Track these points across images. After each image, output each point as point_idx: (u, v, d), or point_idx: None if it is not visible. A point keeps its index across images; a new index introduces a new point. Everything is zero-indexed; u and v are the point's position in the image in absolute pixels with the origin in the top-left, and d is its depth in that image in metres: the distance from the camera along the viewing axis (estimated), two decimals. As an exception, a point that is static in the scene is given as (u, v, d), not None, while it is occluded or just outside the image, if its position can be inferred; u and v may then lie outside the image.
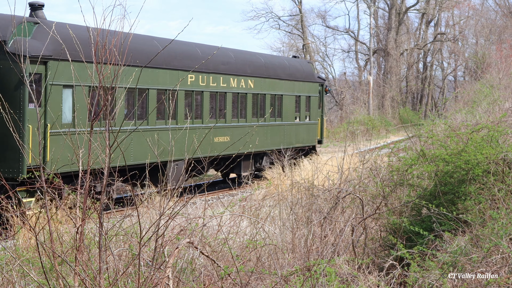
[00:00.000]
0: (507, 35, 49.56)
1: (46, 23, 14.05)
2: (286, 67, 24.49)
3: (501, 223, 6.93)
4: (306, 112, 25.46)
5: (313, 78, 26.27)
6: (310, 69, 26.68)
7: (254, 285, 6.77)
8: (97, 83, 5.63)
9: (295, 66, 25.46)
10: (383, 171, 10.16)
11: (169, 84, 17.56)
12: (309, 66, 26.86)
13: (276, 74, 23.51)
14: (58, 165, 12.28)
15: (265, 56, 24.39)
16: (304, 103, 25.30)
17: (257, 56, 23.46)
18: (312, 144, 25.69)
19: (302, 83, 25.17)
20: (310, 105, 25.67)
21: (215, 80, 19.76)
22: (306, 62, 26.99)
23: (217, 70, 19.91)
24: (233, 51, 21.81)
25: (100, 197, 6.03)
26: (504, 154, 8.44)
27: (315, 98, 26.07)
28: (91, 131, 5.98)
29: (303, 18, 55.86)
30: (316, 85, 26.30)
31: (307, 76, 25.81)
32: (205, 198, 9.55)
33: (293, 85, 24.54)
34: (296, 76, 24.83)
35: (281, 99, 23.65)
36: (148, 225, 6.58)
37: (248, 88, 21.61)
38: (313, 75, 26.56)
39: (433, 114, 37.71)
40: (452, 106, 38.58)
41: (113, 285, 5.74)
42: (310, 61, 27.93)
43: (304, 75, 25.55)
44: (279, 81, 23.56)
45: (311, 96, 25.75)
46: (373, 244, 8.59)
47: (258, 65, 22.54)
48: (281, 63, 24.74)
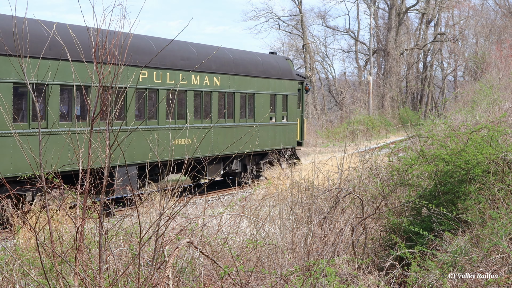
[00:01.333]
0: (507, 35, 49.55)
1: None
2: (259, 64, 22.80)
3: (501, 223, 6.94)
4: (283, 112, 24.10)
5: (291, 76, 24.66)
6: (287, 66, 24.85)
7: (254, 285, 6.77)
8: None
9: (270, 63, 23.73)
10: (383, 171, 10.16)
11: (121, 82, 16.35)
12: (286, 63, 24.99)
13: (247, 71, 21.93)
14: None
15: (234, 52, 22.34)
16: (281, 103, 23.89)
17: (225, 51, 21.56)
18: (290, 147, 24.31)
19: (279, 80, 23.69)
20: (288, 104, 24.24)
21: (172, 76, 18.13)
22: (284, 58, 25.18)
23: (175, 66, 18.28)
24: (195, 46, 20.23)
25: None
26: (504, 154, 8.44)
27: (294, 97, 24.63)
28: (91, 131, 5.99)
29: (303, 18, 55.87)
30: (294, 83, 24.79)
31: (284, 73, 24.20)
32: (205, 198, 9.54)
33: (268, 83, 23.02)
34: (271, 73, 23.24)
35: (253, 98, 22.19)
36: (148, 225, 6.58)
37: (214, 86, 20.05)
38: (291, 72, 24.82)
39: (433, 114, 37.81)
40: (452, 106, 38.61)
41: (113, 285, 5.74)
42: (288, 58, 25.67)
43: (280, 72, 23.93)
44: (250, 79, 22.00)
45: (289, 95, 24.30)
46: (373, 244, 8.59)
47: (225, 61, 20.87)
48: (253, 59, 22.84)
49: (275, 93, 23.41)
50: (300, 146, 25.56)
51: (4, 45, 10.94)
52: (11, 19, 9.25)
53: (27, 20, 6.97)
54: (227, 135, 20.45)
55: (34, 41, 11.35)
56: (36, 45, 11.06)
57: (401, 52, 60.55)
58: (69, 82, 14.84)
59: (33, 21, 13.48)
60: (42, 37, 13.47)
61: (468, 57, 58.57)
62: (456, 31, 64.19)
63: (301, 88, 25.34)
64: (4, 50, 13.12)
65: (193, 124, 19.12)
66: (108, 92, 5.42)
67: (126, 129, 14.65)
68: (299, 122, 25.18)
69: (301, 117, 25.35)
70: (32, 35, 9.38)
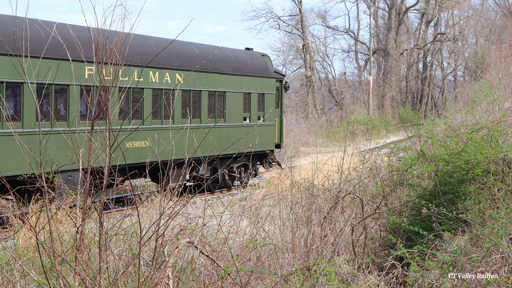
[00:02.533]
0: (507, 35, 49.57)
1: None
2: (229, 60, 21.03)
3: (501, 222, 6.94)
4: (259, 112, 22.37)
5: (268, 73, 22.90)
6: (263, 62, 23.01)
7: (254, 284, 6.77)
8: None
9: (243, 59, 21.86)
10: (383, 171, 10.17)
11: (61, 78, 14.80)
12: (262, 59, 23.17)
13: (216, 68, 20.15)
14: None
15: (200, 47, 20.50)
16: (256, 102, 22.14)
17: (189, 46, 19.79)
18: (268, 149, 22.64)
19: (253, 78, 21.93)
20: (264, 103, 22.57)
21: (126, 73, 16.22)
22: (260, 54, 23.37)
23: (130, 62, 15.54)
24: (155, 40, 18.66)
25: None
26: (504, 154, 8.44)
27: (271, 96, 23.01)
28: (92, 130, 5.99)
29: (303, 18, 55.87)
30: (272, 81, 23.07)
31: (260, 70, 22.43)
32: (205, 198, 9.54)
33: (241, 81, 21.30)
34: (244, 70, 21.46)
35: (223, 96, 20.48)
36: (148, 225, 6.59)
37: (176, 83, 18.47)
38: (268, 69, 23.01)
39: (433, 114, 37.81)
40: (452, 106, 38.63)
41: (113, 285, 5.74)
42: (265, 54, 23.87)
43: (255, 69, 22.15)
44: (220, 76, 20.27)
45: (266, 93, 22.66)
46: (373, 243, 8.59)
47: (190, 57, 19.14)
48: (223, 55, 20.96)
49: (249, 92, 21.81)
50: (279, 148, 24.10)
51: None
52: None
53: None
54: (192, 137, 18.09)
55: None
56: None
57: (401, 52, 60.56)
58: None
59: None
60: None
61: (468, 57, 58.60)
62: (456, 31, 64.19)
63: (279, 86, 23.77)
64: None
65: (151, 126, 17.51)
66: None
67: (68, 130, 13.32)
68: (278, 123, 23.64)
69: (280, 117, 23.85)
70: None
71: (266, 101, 22.70)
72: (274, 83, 23.29)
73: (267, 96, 22.77)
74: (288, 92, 29.83)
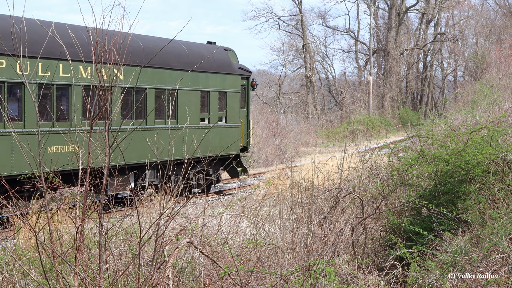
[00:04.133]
0: (507, 35, 49.56)
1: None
2: (183, 54, 18.76)
3: (501, 223, 6.94)
4: (220, 112, 20.14)
5: (231, 70, 20.56)
6: (226, 57, 20.71)
7: (254, 285, 6.77)
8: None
9: (200, 53, 19.43)
10: (383, 171, 10.17)
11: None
12: (225, 54, 20.84)
13: (165, 63, 17.91)
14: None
15: (146, 39, 18.09)
16: (216, 101, 19.87)
17: (133, 38, 17.03)
18: (231, 153, 20.33)
19: (213, 75, 19.65)
20: (226, 103, 20.32)
21: (48, 67, 14.08)
22: (222, 49, 20.89)
23: (54, 55, 14.03)
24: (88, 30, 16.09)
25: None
26: (504, 154, 8.44)
27: (235, 94, 20.70)
28: (92, 130, 5.99)
29: (303, 18, 55.88)
30: (236, 78, 20.75)
31: (221, 66, 20.11)
32: (205, 198, 9.54)
33: (197, 78, 19.05)
34: (202, 66, 19.07)
35: (175, 95, 18.06)
36: (148, 225, 6.58)
37: (113, 80, 15.74)
38: (231, 65, 20.65)
39: (433, 114, 37.81)
40: (452, 106, 38.64)
41: (113, 285, 5.74)
42: (229, 48, 21.44)
43: (216, 65, 19.83)
44: (170, 72, 18.02)
45: (229, 92, 20.37)
46: (373, 244, 8.59)
47: (132, 50, 16.45)
48: (176, 48, 18.63)
49: (208, 90, 19.52)
50: (246, 151, 22.14)
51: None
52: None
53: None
54: (136, 140, 15.89)
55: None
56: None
57: (401, 52, 60.57)
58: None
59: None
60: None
61: (468, 57, 58.60)
62: (456, 31, 64.19)
63: (246, 84, 21.39)
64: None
65: (81, 127, 14.76)
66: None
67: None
68: (244, 124, 21.35)
69: (247, 118, 21.57)
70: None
71: (229, 100, 20.49)
72: (239, 81, 21.01)
73: (230, 94, 20.50)
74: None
